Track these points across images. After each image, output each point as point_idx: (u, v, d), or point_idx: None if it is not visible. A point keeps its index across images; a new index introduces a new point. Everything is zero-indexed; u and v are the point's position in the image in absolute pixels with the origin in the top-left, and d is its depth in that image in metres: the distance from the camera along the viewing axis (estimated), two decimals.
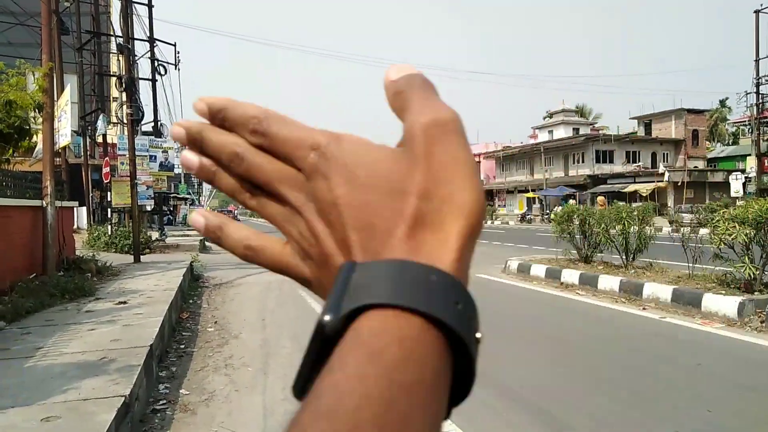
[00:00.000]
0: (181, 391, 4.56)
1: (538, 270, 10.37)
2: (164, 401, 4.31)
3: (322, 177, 0.28)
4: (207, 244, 22.18)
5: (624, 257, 9.56)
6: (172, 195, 38.45)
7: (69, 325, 5.64)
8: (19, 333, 5.30)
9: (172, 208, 41.35)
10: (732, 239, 6.98)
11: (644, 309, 7.41)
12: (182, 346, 6.14)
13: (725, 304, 6.65)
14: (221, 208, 54.58)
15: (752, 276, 6.97)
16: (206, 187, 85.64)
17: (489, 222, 40.52)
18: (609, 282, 8.57)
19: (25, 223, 8.24)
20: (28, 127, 8.58)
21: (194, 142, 0.32)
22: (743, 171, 30.91)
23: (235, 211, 50.29)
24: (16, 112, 7.95)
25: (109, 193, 16.74)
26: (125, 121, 14.99)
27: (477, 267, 12.22)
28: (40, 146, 9.60)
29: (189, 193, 50.53)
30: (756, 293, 6.87)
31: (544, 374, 4.78)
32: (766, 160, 29.29)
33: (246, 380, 4.83)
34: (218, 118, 0.31)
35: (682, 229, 8.67)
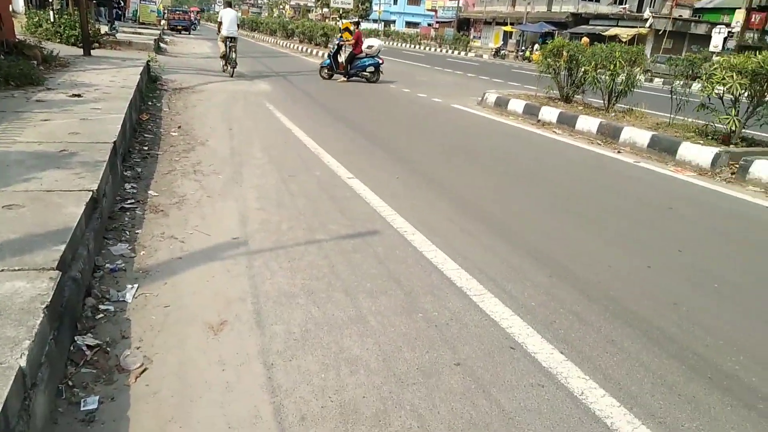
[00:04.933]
0: (149, 192, 4.33)
1: (516, 105, 10.08)
2: (132, 200, 4.09)
3: None
4: (162, 45, 20.47)
5: (606, 100, 9.34)
6: None
7: (19, 113, 5.13)
8: None
9: (121, 2, 37.48)
10: (727, 89, 6.79)
11: (619, 152, 7.40)
12: (145, 148, 5.78)
13: (701, 153, 6.67)
14: (174, 8, 47.91)
15: (733, 129, 6.94)
16: None
17: (462, 53, 38.97)
18: (588, 123, 8.42)
19: None
20: None
21: None
22: (728, 25, 29.73)
23: (193, 14, 45.46)
24: None
25: None
26: None
27: (453, 97, 11.94)
28: None
29: None
30: (732, 146, 6.90)
31: (521, 205, 4.77)
32: (755, 16, 28.25)
33: (217, 187, 4.61)
34: None
35: (675, 80, 8.34)
